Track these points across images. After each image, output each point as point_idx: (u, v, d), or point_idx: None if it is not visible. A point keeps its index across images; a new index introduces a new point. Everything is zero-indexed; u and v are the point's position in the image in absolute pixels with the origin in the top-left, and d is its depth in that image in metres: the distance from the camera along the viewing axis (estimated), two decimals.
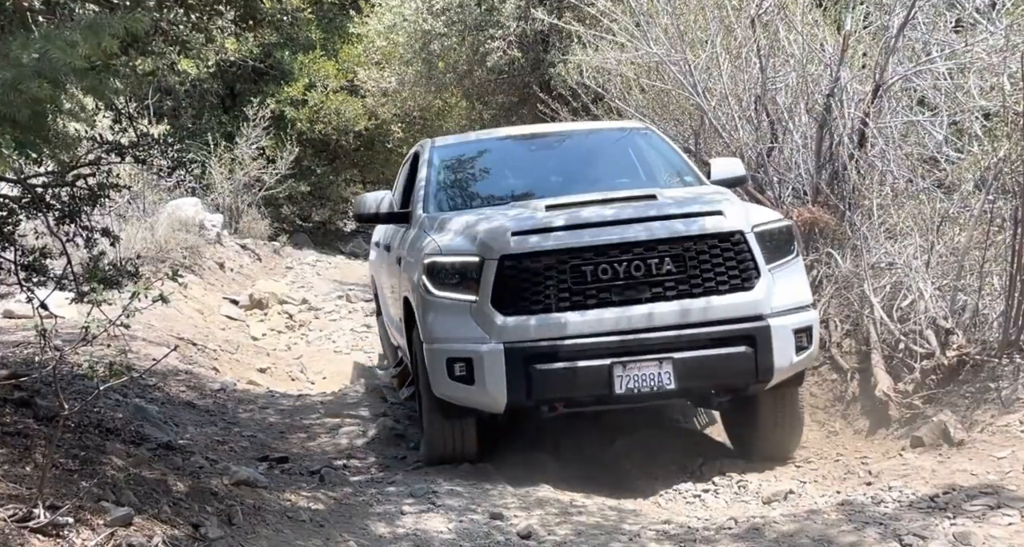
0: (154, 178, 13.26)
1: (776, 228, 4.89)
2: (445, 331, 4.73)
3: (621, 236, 4.60)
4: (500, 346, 4.57)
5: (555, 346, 4.55)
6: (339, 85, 19.80)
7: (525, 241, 4.62)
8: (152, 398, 6.37)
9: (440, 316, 4.75)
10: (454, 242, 4.87)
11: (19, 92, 2.95)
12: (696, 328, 4.61)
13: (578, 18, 10.89)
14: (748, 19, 7.96)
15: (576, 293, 4.58)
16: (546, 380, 4.55)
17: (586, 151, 6.49)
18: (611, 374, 4.53)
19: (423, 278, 4.82)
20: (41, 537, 3.04)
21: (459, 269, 4.72)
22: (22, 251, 5.32)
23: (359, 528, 4.26)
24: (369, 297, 13.71)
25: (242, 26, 6.19)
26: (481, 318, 4.64)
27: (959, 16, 7.10)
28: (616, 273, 4.59)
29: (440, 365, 4.71)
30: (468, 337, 4.63)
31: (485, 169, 6.31)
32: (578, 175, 6.13)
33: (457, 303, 4.69)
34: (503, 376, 4.55)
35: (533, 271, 4.57)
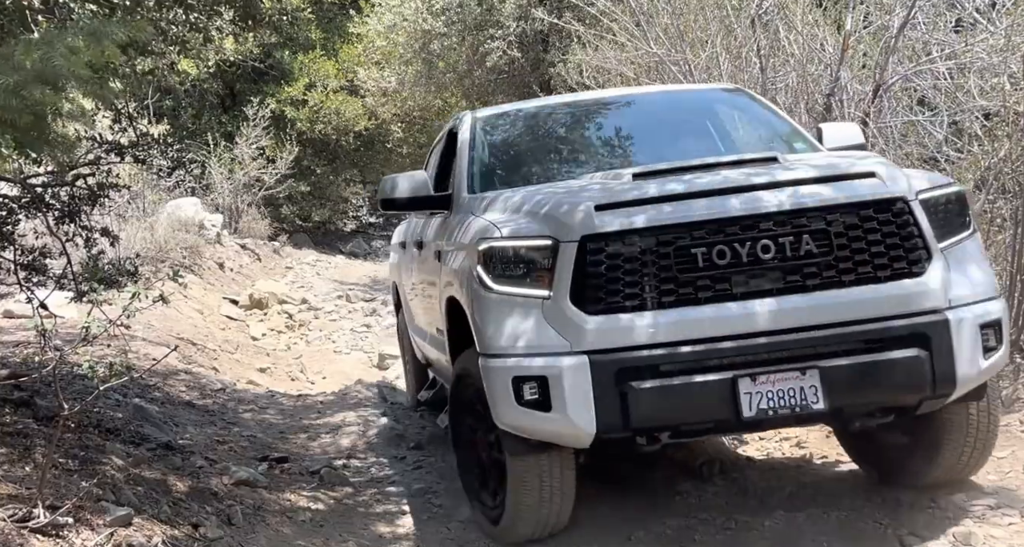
0: (154, 178, 13.28)
1: (946, 195, 3.71)
2: (509, 338, 3.55)
3: (744, 207, 3.46)
4: (584, 358, 3.39)
5: (658, 356, 3.41)
6: (339, 85, 19.82)
7: (613, 217, 3.45)
8: (152, 398, 6.37)
9: (502, 318, 3.57)
10: (516, 222, 3.73)
11: (21, 98, 2.96)
12: (849, 327, 3.47)
13: (578, 18, 10.89)
14: (748, 19, 7.96)
15: (684, 284, 3.42)
16: (648, 402, 3.40)
17: (664, 116, 5.28)
18: (736, 391, 3.40)
19: (478, 269, 3.66)
20: (41, 537, 3.04)
21: (525, 255, 3.57)
22: (22, 251, 5.33)
23: (359, 528, 4.26)
24: (369, 297, 13.74)
25: (241, 26, 6.20)
26: (557, 319, 3.46)
27: (959, 16, 7.10)
28: (738, 256, 3.43)
29: (503, 386, 3.51)
30: (541, 346, 3.47)
31: (540, 141, 5.19)
32: (659, 143, 5.01)
33: (524, 300, 3.53)
34: (589, 398, 3.38)
35: (626, 256, 3.42)
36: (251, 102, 17.95)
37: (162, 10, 5.54)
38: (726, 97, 5.42)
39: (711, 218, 3.46)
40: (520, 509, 3.80)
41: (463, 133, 5.01)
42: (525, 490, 3.75)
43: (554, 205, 3.66)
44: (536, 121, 5.27)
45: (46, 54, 2.94)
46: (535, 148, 5.12)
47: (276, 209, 18.86)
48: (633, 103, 5.41)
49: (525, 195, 4.01)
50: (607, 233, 3.44)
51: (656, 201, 3.51)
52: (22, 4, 4.34)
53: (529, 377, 3.47)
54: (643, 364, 3.41)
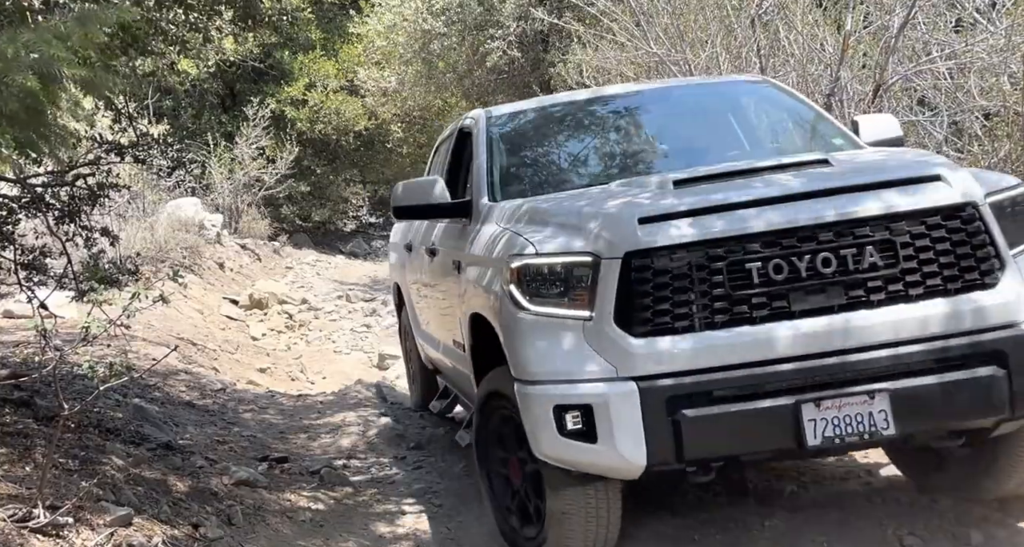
0: (154, 178, 13.29)
1: (1015, 196, 3.45)
2: (549, 363, 3.29)
3: (802, 217, 3.20)
4: (632, 385, 3.14)
5: (712, 380, 3.16)
6: (339, 85, 19.84)
7: (659, 230, 3.18)
8: (152, 398, 6.37)
9: (539, 341, 3.32)
10: (551, 236, 3.44)
11: (7, 86, 2.95)
12: (918, 345, 3.21)
13: (578, 18, 10.89)
14: (748, 19, 7.97)
15: (738, 302, 3.17)
16: (702, 431, 3.15)
17: (691, 112, 4.98)
18: (799, 418, 3.14)
19: (511, 288, 3.40)
20: (41, 537, 3.04)
21: (564, 273, 3.31)
22: (22, 251, 5.33)
23: (359, 528, 4.26)
24: (369, 297, 13.75)
25: (241, 26, 6.20)
26: (601, 343, 3.20)
27: (959, 16, 7.11)
28: (796, 271, 3.18)
29: (543, 415, 3.26)
30: (584, 372, 3.21)
31: (562, 142, 4.88)
32: (689, 142, 4.73)
33: (563, 322, 3.28)
34: (639, 428, 3.13)
35: (674, 272, 3.16)
36: (251, 102, 17.97)
37: (162, 10, 5.55)
38: (753, 89, 5.12)
39: (766, 230, 3.18)
40: (564, 543, 3.55)
41: (478, 134, 4.70)
42: (569, 523, 3.49)
43: (592, 217, 3.37)
44: (555, 119, 4.95)
45: (32, 41, 2.93)
46: (557, 150, 4.82)
47: (276, 209, 18.87)
48: (657, 98, 5.08)
49: (554, 204, 3.76)
50: (653, 249, 3.16)
51: (705, 212, 3.22)
52: (22, 4, 4.34)
53: (572, 406, 3.21)
54: (696, 390, 3.15)
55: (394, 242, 6.94)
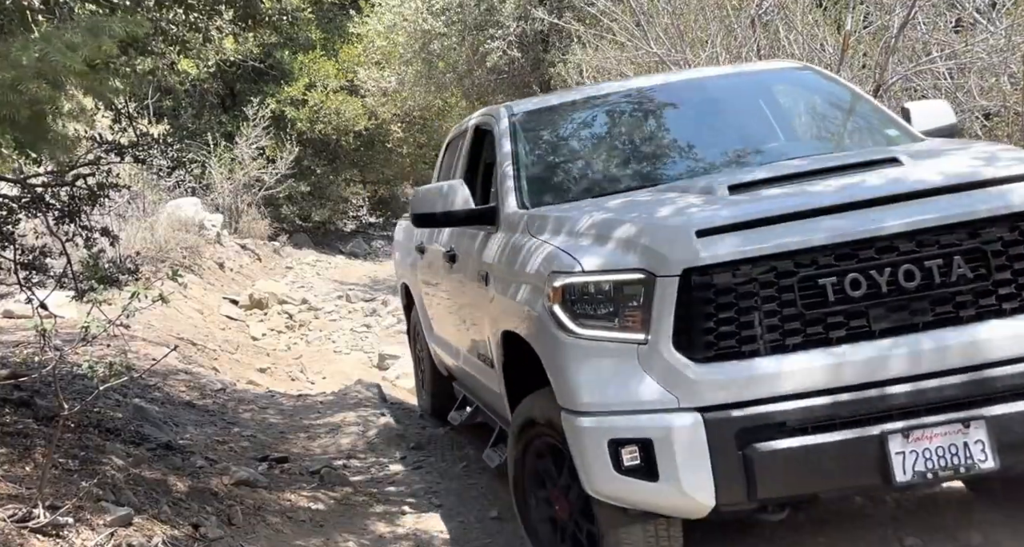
0: (154, 178, 13.30)
1: None
2: (601, 393, 2.96)
3: (880, 225, 2.85)
4: (697, 416, 2.81)
5: (785, 410, 2.82)
6: (339, 85, 19.85)
7: (720, 243, 2.84)
8: (152, 398, 6.37)
9: (589, 368, 2.99)
10: (597, 251, 3.11)
11: (19, 93, 2.96)
12: (1015, 365, 2.87)
13: (578, 18, 10.90)
14: (748, 19, 7.97)
15: (812, 321, 2.84)
16: (777, 467, 2.82)
17: (734, 104, 4.56)
18: (885, 451, 2.81)
19: (555, 309, 3.07)
20: (41, 537, 3.04)
21: (613, 293, 2.98)
22: (22, 251, 5.33)
23: (359, 528, 4.27)
24: (369, 297, 13.76)
25: (241, 26, 6.20)
26: (659, 369, 2.87)
27: (959, 16, 7.11)
28: (876, 285, 2.85)
29: (597, 450, 2.94)
30: (641, 402, 2.89)
31: (596, 140, 4.47)
32: (737, 139, 4.30)
33: (615, 346, 2.95)
34: (706, 465, 2.81)
35: (739, 290, 2.84)
36: (251, 102, 17.98)
37: (162, 10, 5.55)
38: (796, 76, 4.72)
39: (841, 240, 2.83)
40: None
41: (500, 134, 4.32)
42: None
43: (643, 229, 3.03)
44: (586, 116, 4.56)
45: (43, 50, 2.95)
46: (590, 150, 4.41)
47: (276, 209, 18.88)
48: (693, 89, 4.64)
49: (596, 213, 3.39)
50: (714, 265, 2.83)
51: (771, 222, 2.87)
52: (22, 4, 4.34)
53: (629, 440, 2.89)
54: (768, 421, 2.82)
55: (400, 241, 6.64)
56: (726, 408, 2.82)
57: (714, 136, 4.33)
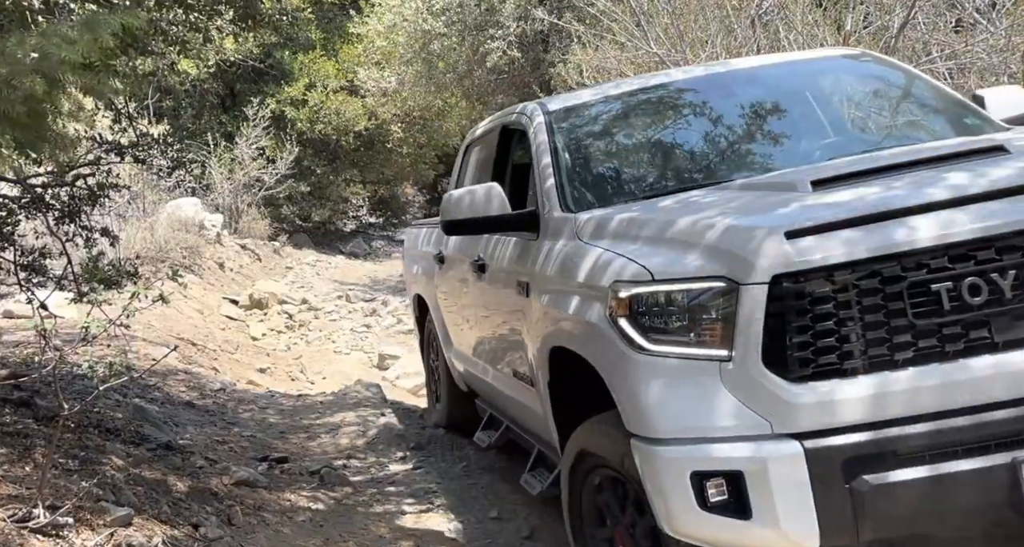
0: (154, 178, 13.30)
1: None
2: (680, 418, 2.58)
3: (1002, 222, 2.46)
4: (795, 445, 2.42)
5: (898, 437, 2.43)
6: (339, 85, 19.85)
7: (815, 246, 2.47)
8: (152, 398, 6.37)
9: (664, 389, 2.62)
10: (667, 256, 2.75)
11: (13, 88, 2.95)
12: None
13: (578, 18, 10.90)
14: (748, 19, 7.97)
15: (925, 333, 2.46)
16: (890, 503, 2.43)
17: (793, 95, 4.14)
18: (1018, 480, 2.41)
19: (621, 323, 2.72)
20: (41, 537, 3.04)
21: (689, 303, 2.61)
22: (22, 251, 5.33)
23: (359, 528, 4.26)
24: (369, 297, 13.76)
25: (241, 26, 6.20)
26: (747, 390, 2.50)
27: (959, 16, 7.11)
28: (998, 291, 2.46)
29: (677, 484, 2.55)
30: (728, 428, 2.51)
31: (644, 137, 4.08)
32: (801, 132, 3.92)
33: (694, 364, 2.58)
34: (808, 501, 2.41)
35: (838, 299, 2.46)
36: (251, 102, 17.98)
37: (162, 10, 5.54)
38: (856, 65, 4.36)
39: (958, 240, 2.45)
40: None
41: (537, 133, 3.98)
42: None
43: (722, 231, 2.65)
44: (629, 111, 4.19)
45: (40, 45, 2.94)
46: (638, 148, 4.04)
47: (276, 209, 18.88)
48: (746, 80, 4.26)
49: (657, 215, 3.06)
50: (809, 270, 2.45)
51: (871, 220, 2.50)
52: (22, 4, 4.34)
53: (716, 472, 2.50)
54: (878, 449, 2.43)
55: (412, 250, 6.35)
56: (828, 434, 2.43)
57: (776, 130, 3.94)
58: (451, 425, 5.98)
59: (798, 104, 4.08)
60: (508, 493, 4.74)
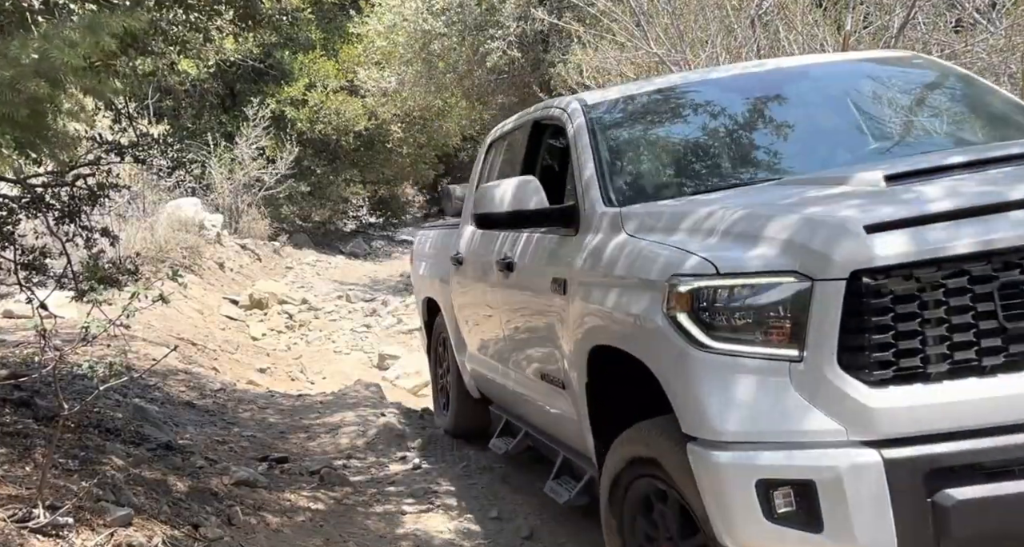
0: (154, 178, 13.30)
1: None
2: (744, 421, 2.41)
3: None
4: (873, 453, 2.26)
5: (986, 447, 2.27)
6: (339, 85, 19.86)
7: (898, 241, 2.33)
8: (152, 398, 6.37)
9: (726, 389, 2.46)
10: (734, 249, 2.58)
11: (17, 91, 2.96)
12: None
13: (578, 18, 10.90)
14: (748, 19, 7.97)
15: (1017, 337, 2.32)
16: (977, 519, 2.26)
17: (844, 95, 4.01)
18: None
19: (679, 318, 2.56)
20: (41, 537, 3.04)
21: (757, 299, 2.46)
22: (22, 251, 5.33)
23: (359, 528, 4.26)
24: (369, 297, 13.77)
25: (241, 26, 6.19)
26: (819, 392, 2.34)
27: (959, 16, 7.11)
28: None
29: (740, 493, 2.38)
30: (798, 433, 2.35)
31: (690, 132, 3.97)
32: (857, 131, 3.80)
33: (761, 364, 2.42)
34: (887, 514, 2.25)
35: (923, 298, 2.32)
36: (251, 102, 17.98)
37: (162, 10, 5.54)
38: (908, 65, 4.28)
39: None
40: None
41: (577, 127, 3.85)
42: None
43: (795, 223, 2.49)
44: (672, 106, 4.11)
45: (43, 48, 2.94)
46: (684, 143, 3.91)
47: (276, 209, 18.88)
48: (792, 78, 4.15)
49: (714, 208, 2.85)
50: (893, 266, 2.31)
51: (960, 215, 2.35)
52: (22, 5, 4.34)
53: (785, 481, 2.33)
54: (964, 461, 2.26)
55: (423, 251, 6.25)
56: (910, 443, 2.26)
57: (827, 128, 3.83)
58: (460, 432, 5.86)
59: (851, 103, 3.96)
60: (508, 493, 4.74)
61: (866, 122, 3.87)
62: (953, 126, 3.87)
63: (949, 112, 3.95)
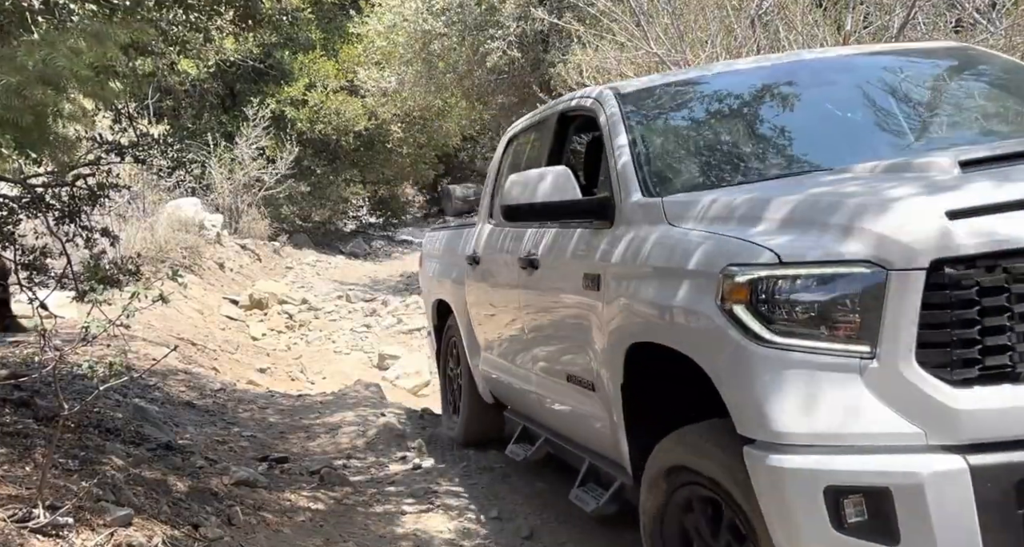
0: (154, 178, 13.30)
1: None
2: (811, 421, 2.20)
3: None
4: (958, 460, 2.07)
5: None
6: (339, 85, 19.86)
7: (983, 229, 2.13)
8: (152, 398, 6.38)
9: (790, 387, 2.23)
10: (796, 237, 2.37)
11: (23, 98, 2.97)
12: None
13: (578, 18, 10.90)
14: (748, 19, 7.97)
15: None
16: None
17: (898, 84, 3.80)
18: None
19: (736, 311, 2.35)
20: (41, 537, 3.04)
21: (824, 290, 2.25)
22: (22, 251, 5.34)
23: (359, 528, 4.26)
24: (369, 297, 13.77)
25: (241, 26, 6.20)
26: (894, 392, 2.15)
27: (959, 16, 7.11)
28: None
29: (806, 501, 2.18)
30: (871, 436, 2.16)
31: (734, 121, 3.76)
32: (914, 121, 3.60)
33: (828, 361, 2.22)
34: (973, 527, 2.06)
35: (1012, 292, 2.13)
36: (251, 102, 17.98)
37: (162, 10, 5.55)
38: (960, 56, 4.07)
39: None
40: None
41: (610, 116, 3.65)
42: None
43: (863, 209, 2.28)
44: (706, 95, 3.94)
45: (48, 55, 2.95)
46: (725, 132, 3.69)
47: (276, 209, 18.88)
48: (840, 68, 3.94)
49: (768, 196, 2.64)
50: (977, 255, 2.11)
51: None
52: (22, 5, 4.34)
53: (857, 488, 2.13)
54: None
55: (433, 252, 6.07)
56: (998, 449, 2.06)
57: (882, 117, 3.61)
58: (471, 439, 5.64)
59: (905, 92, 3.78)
60: (508, 493, 4.74)
61: (922, 111, 3.69)
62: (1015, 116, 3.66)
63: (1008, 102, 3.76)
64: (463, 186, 25.46)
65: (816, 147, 3.44)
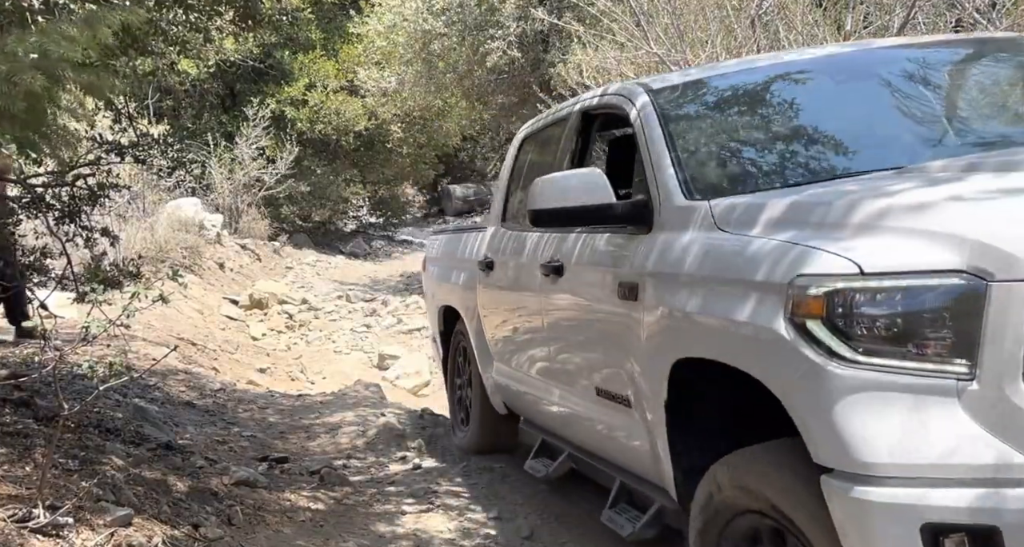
0: (154, 178, 13.31)
1: None
2: (902, 450, 1.96)
3: None
4: None
5: None
6: (339, 85, 19.86)
7: None
8: (152, 398, 6.38)
9: (876, 412, 2.00)
10: (878, 245, 2.12)
11: (14, 85, 2.95)
12: None
13: (578, 18, 10.91)
14: (748, 19, 7.97)
15: None
16: None
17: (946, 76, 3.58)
18: None
19: (811, 326, 2.11)
20: (41, 537, 3.04)
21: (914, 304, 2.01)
22: (22, 251, 5.33)
23: (359, 528, 4.26)
24: (369, 297, 13.77)
25: (241, 26, 6.20)
26: (999, 418, 1.91)
27: (959, 16, 7.11)
28: None
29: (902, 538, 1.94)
30: (972, 468, 1.91)
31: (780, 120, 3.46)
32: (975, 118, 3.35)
33: (919, 383, 1.98)
34: None
35: None
36: (251, 102, 17.99)
37: (162, 10, 5.55)
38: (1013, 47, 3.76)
39: None
40: None
41: (642, 114, 3.40)
42: None
43: (956, 213, 2.08)
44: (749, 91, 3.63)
45: (40, 42, 2.94)
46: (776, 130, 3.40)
47: (276, 209, 18.89)
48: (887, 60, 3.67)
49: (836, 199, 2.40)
50: None
51: None
52: (22, 5, 4.34)
53: (959, 526, 1.89)
54: None
55: (440, 256, 5.84)
56: None
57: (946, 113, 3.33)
58: (483, 450, 5.40)
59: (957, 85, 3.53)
60: (508, 493, 4.74)
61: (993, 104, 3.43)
62: None
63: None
64: (463, 186, 25.47)
65: (881, 144, 3.16)
